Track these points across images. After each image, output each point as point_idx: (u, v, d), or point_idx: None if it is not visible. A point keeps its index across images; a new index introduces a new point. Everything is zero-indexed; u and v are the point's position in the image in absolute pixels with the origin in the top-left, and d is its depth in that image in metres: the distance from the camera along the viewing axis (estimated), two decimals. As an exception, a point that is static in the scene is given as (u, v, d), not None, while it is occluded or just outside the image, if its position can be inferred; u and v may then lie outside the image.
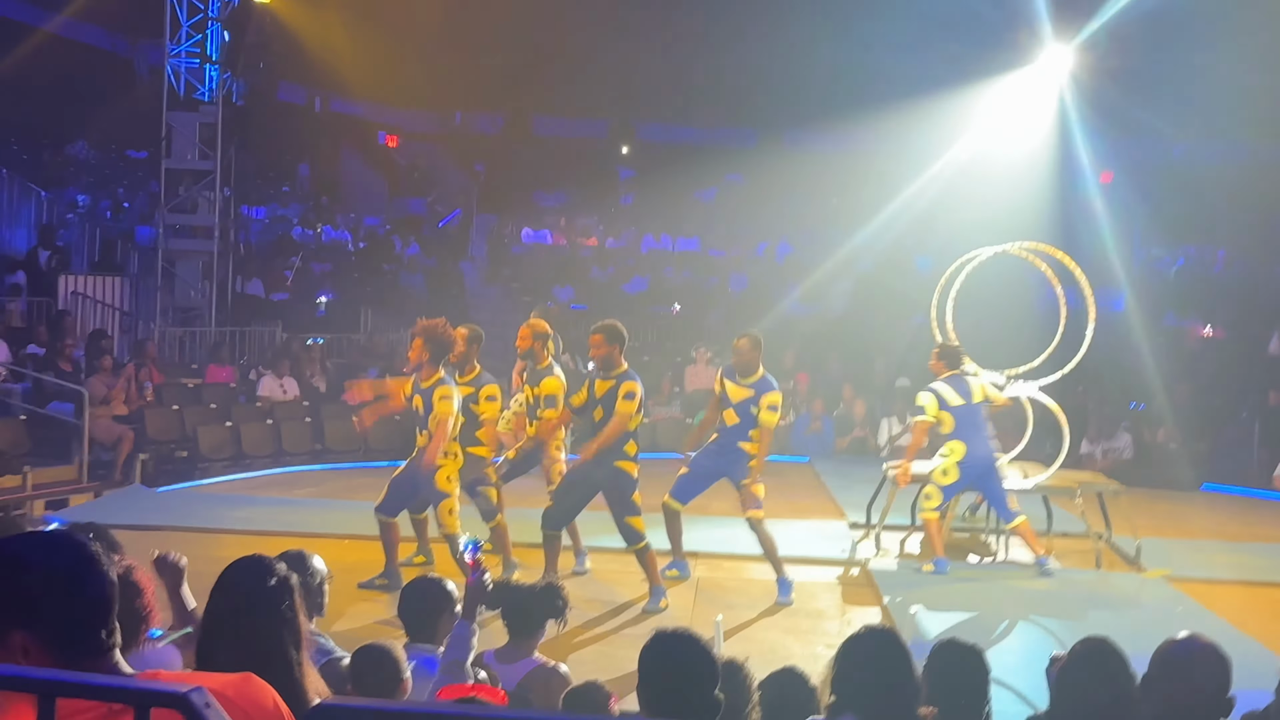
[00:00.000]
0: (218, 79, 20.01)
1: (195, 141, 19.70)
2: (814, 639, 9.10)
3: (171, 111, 19.64)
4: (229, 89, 20.04)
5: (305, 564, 5.26)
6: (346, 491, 14.94)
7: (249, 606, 3.52)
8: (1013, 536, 12.23)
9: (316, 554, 5.35)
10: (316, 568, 5.34)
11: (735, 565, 11.39)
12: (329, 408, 17.75)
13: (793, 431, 19.26)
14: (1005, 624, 9.66)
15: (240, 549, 3.80)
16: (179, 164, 19.79)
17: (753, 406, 10.27)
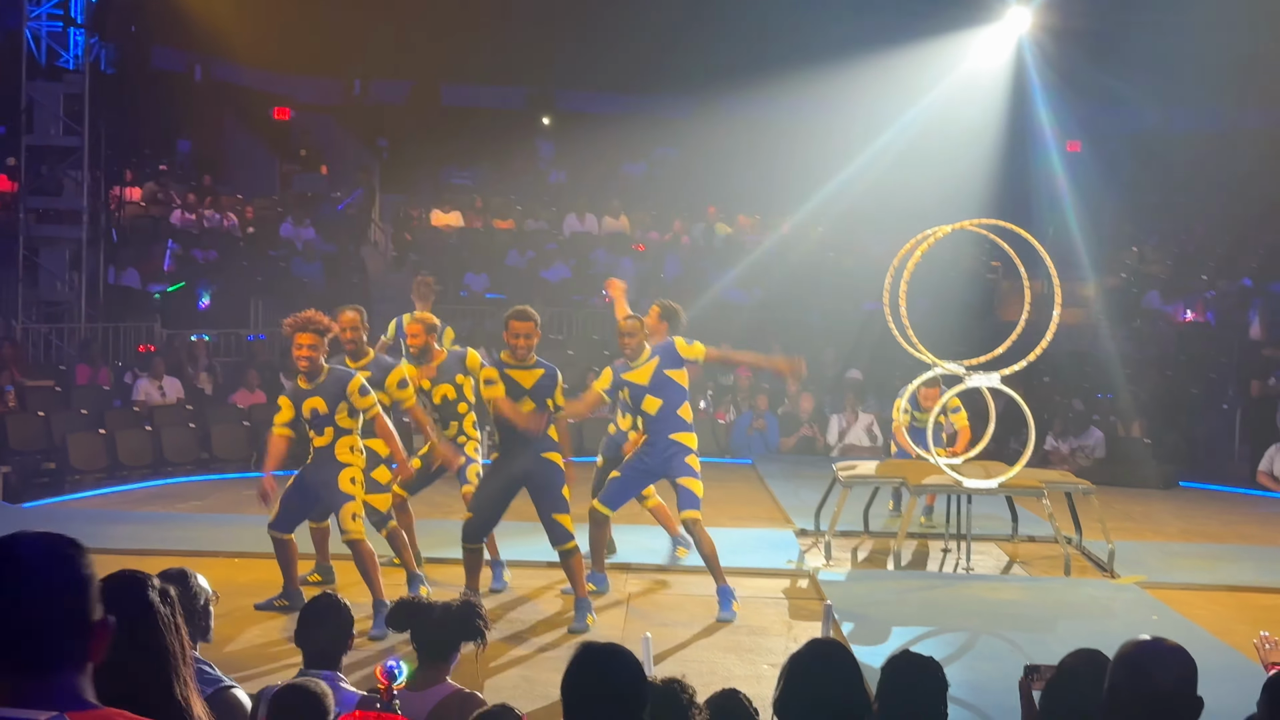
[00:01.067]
0: (84, 44, 19.74)
1: (59, 115, 19.45)
2: (757, 657, 9.16)
3: (32, 81, 19.38)
4: (96, 55, 19.78)
5: (187, 583, 5.22)
6: (236, 505, 14.81)
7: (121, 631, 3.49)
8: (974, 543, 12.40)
9: (200, 573, 5.31)
10: (200, 587, 5.30)
11: (669, 579, 11.43)
12: (215, 412, 17.61)
13: (733, 430, 19.35)
14: (967, 637, 9.77)
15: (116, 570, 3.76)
16: (41, 140, 19.52)
17: (666, 369, 10.35)
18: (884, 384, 19.50)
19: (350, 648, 5.63)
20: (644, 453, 10.56)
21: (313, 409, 9.82)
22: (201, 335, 19.96)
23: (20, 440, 15.88)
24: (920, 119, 22.82)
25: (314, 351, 9.71)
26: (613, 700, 4.02)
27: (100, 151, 19.81)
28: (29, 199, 19.48)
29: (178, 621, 3.58)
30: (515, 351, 9.91)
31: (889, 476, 12.75)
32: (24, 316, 19.37)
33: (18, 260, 19.49)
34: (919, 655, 4.95)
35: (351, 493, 9.77)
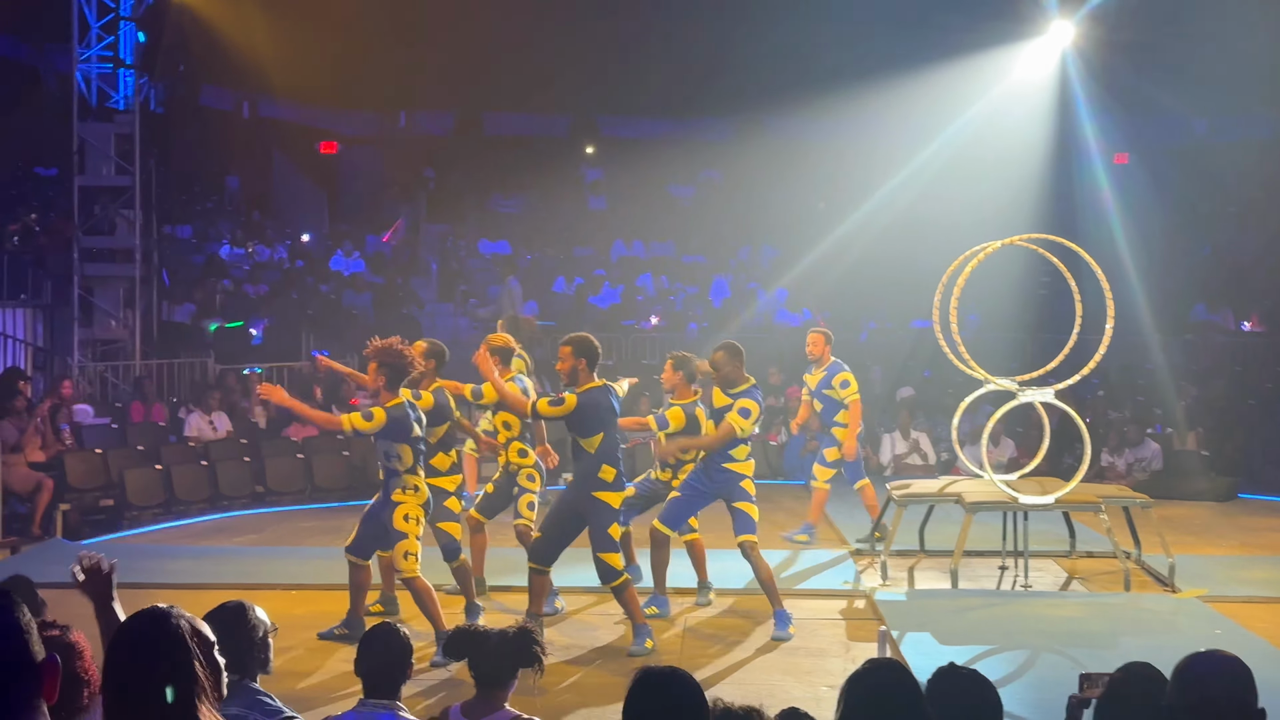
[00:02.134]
0: (133, 85, 19.95)
1: (111, 155, 19.64)
2: (815, 679, 9.11)
3: (83, 123, 19.57)
4: (146, 96, 19.99)
5: (245, 616, 5.24)
6: (291, 537, 14.91)
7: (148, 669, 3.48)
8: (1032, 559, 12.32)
9: (258, 605, 5.34)
10: (258, 619, 5.32)
11: (727, 601, 11.40)
12: (269, 445, 17.70)
13: (786, 452, 19.29)
14: (1027, 654, 9.68)
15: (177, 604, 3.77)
16: (93, 180, 19.72)
17: (727, 412, 10.43)
18: (936, 402, 19.42)
19: (409, 677, 5.64)
20: (700, 476, 10.62)
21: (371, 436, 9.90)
22: (254, 369, 20.07)
23: (78, 477, 15.99)
24: (965, 135, 22.75)
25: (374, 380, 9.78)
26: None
27: (151, 190, 19.99)
28: (82, 239, 19.67)
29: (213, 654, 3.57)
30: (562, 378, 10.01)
31: (944, 495, 12.67)
32: (80, 355, 19.55)
33: (73, 300, 19.67)
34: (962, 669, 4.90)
35: (405, 530, 9.77)
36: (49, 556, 13.55)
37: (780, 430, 19.73)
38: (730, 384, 10.54)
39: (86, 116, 19.69)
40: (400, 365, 9.76)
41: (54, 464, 15.88)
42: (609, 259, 26.69)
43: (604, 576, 9.94)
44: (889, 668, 4.57)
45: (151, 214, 20.13)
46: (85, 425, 17.24)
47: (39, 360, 19.56)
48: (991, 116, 22.31)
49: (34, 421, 15.97)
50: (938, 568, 12.39)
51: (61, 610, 5.33)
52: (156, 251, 20.42)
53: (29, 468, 15.59)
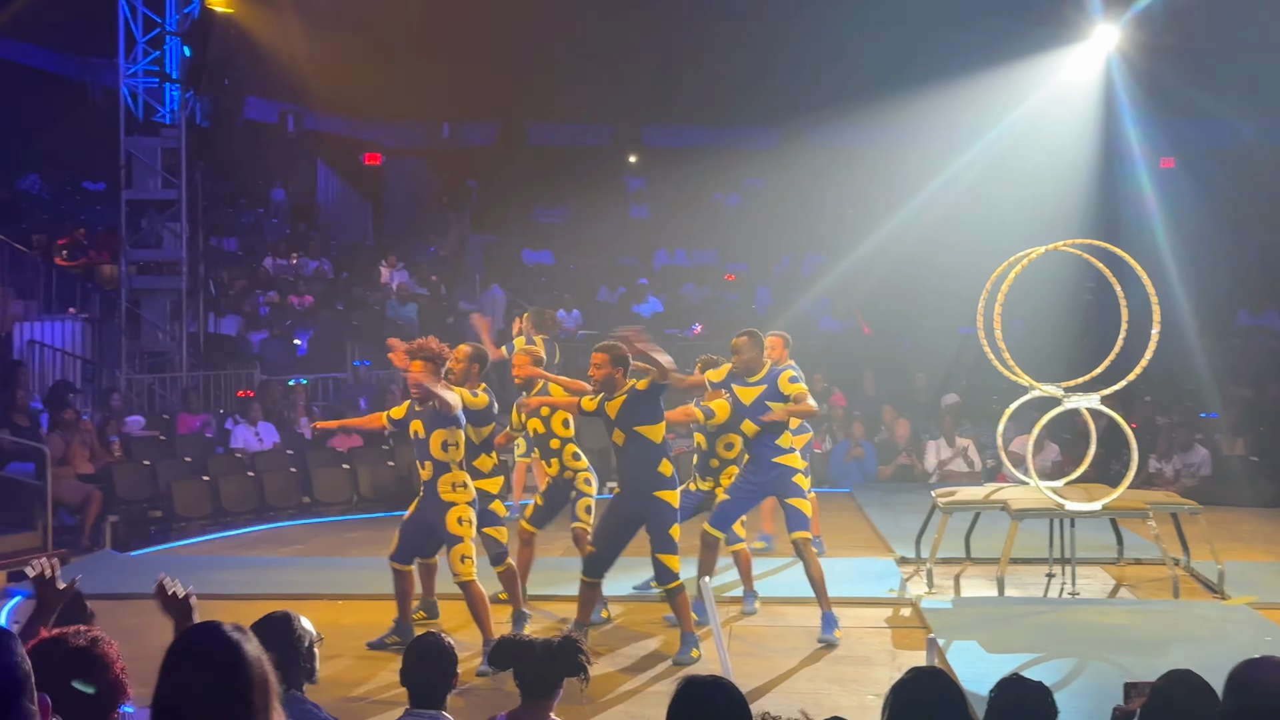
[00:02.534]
0: (179, 99, 20.10)
1: (157, 169, 19.81)
2: (862, 688, 9.08)
3: (130, 137, 19.74)
4: (192, 109, 20.12)
5: (291, 626, 5.28)
6: (338, 547, 14.99)
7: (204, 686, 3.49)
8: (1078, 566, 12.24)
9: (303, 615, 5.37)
10: (304, 629, 5.35)
11: (772, 609, 11.38)
12: (315, 456, 17.79)
13: (830, 459, 19.25)
14: (1075, 662, 9.62)
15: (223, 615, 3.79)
16: (140, 194, 19.89)
17: (769, 400, 10.40)
18: (981, 408, 19.34)
19: (454, 687, 5.65)
20: (750, 471, 10.59)
21: (414, 432, 9.92)
22: (299, 379, 20.18)
23: (127, 489, 16.12)
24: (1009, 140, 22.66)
25: (420, 378, 9.80)
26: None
27: (197, 203, 20.14)
28: (130, 252, 19.83)
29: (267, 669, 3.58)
30: (591, 383, 9.98)
31: (990, 501, 12.61)
32: (128, 367, 19.70)
33: (121, 312, 19.83)
34: (1029, 679, 4.89)
35: (460, 534, 9.79)
36: (98, 567, 13.69)
37: (825, 438, 19.70)
38: (750, 371, 10.52)
39: (133, 131, 19.86)
40: (439, 357, 9.84)
41: (103, 476, 16.01)
42: (652, 268, 26.70)
43: (662, 578, 9.93)
44: (933, 676, 4.56)
45: (198, 227, 20.28)
46: (134, 437, 17.37)
47: (87, 373, 19.72)
48: (1035, 121, 22.20)
49: (80, 434, 16.10)
50: (984, 575, 12.33)
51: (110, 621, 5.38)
52: (203, 264, 20.56)
53: (78, 479, 15.73)
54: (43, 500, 15.10)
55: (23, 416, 16.52)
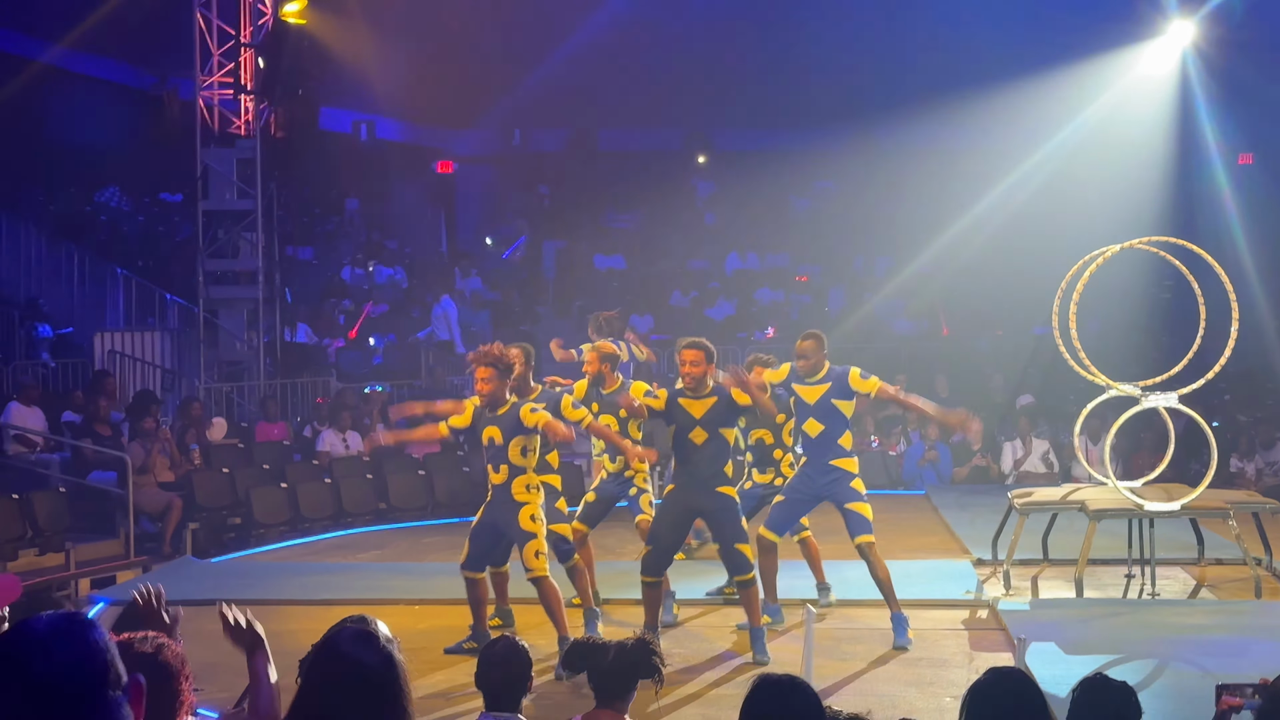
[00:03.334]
0: (254, 110, 20.30)
1: (233, 180, 20.00)
2: (939, 690, 9.02)
3: (206, 148, 19.95)
4: (266, 120, 20.31)
5: None
6: (414, 553, 15.08)
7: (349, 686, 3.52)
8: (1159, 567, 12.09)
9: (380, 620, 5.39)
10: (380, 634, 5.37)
11: (847, 611, 11.33)
12: (391, 463, 17.90)
13: (904, 462, 19.16)
14: (1154, 665, 9.51)
15: (301, 620, 3.84)
16: (216, 205, 20.09)
17: (834, 399, 10.34)
18: (1058, 409, 19.17)
19: (530, 690, 5.66)
20: (806, 476, 10.54)
21: (490, 438, 9.96)
22: (374, 387, 20.32)
23: (206, 497, 16.30)
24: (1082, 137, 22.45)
25: (489, 384, 9.84)
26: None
27: (273, 213, 20.32)
28: (207, 262, 20.04)
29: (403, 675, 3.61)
30: (685, 380, 9.96)
31: (1067, 502, 12.49)
32: (206, 376, 19.91)
33: (199, 323, 20.04)
34: (1113, 679, 4.83)
35: (533, 530, 9.86)
36: (179, 574, 13.83)
37: (899, 440, 19.60)
38: (813, 373, 10.49)
39: (209, 142, 20.07)
40: (508, 363, 9.90)
41: (183, 484, 16.20)
42: (724, 271, 26.67)
43: (739, 568, 9.93)
44: (1012, 675, 4.52)
45: (273, 237, 20.46)
46: (213, 445, 17.54)
47: (167, 382, 19.96)
48: (1109, 118, 21.99)
49: (160, 442, 16.30)
50: (1062, 576, 12.22)
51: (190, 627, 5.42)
52: (279, 273, 20.75)
53: (159, 487, 15.93)
54: (124, 508, 15.32)
55: (105, 426, 16.75)
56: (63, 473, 16.28)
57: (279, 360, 20.58)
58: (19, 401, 16.69)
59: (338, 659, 3.63)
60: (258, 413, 19.42)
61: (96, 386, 17.77)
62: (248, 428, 18.78)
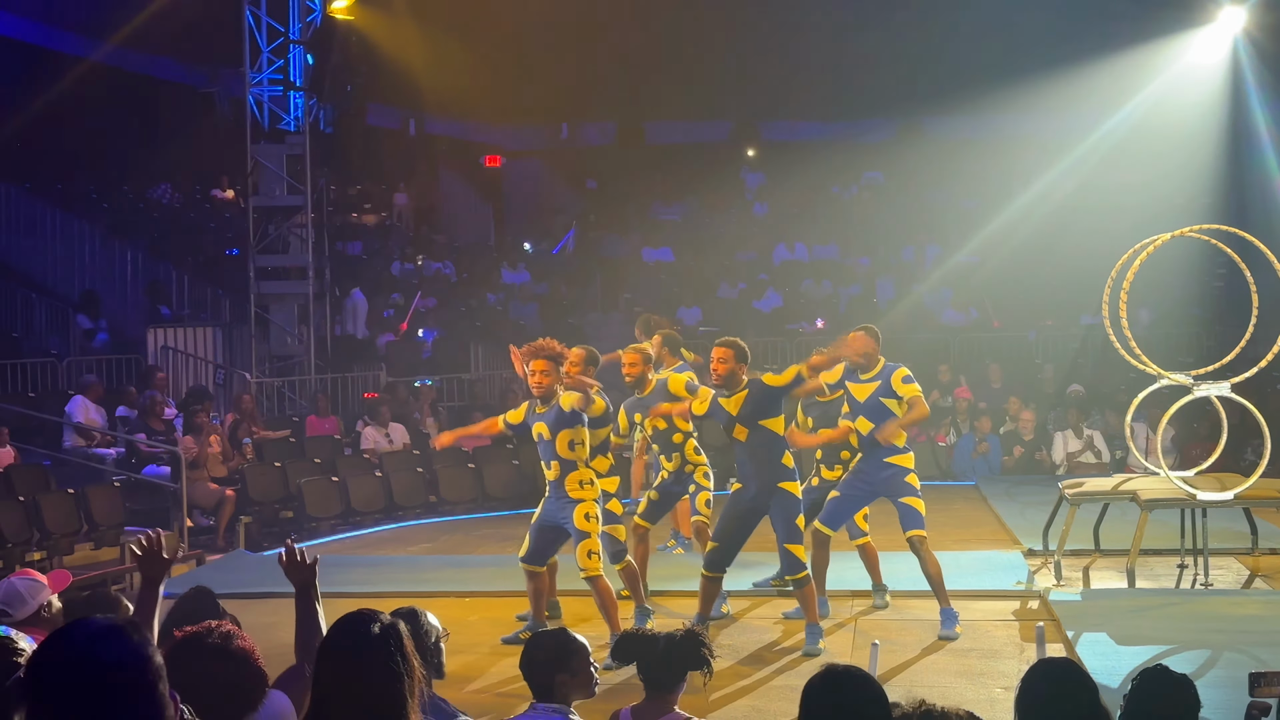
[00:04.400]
0: (303, 106, 20.41)
1: (283, 175, 20.12)
2: (989, 681, 8.98)
3: (256, 145, 20.07)
4: (316, 116, 20.43)
5: (418, 621, 5.34)
6: (464, 545, 15.14)
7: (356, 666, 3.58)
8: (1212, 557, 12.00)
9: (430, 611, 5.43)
10: (431, 625, 5.41)
11: (899, 602, 11.29)
12: (442, 456, 17.96)
13: (955, 453, 19.09)
14: (1208, 655, 9.43)
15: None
16: (267, 200, 20.21)
17: (882, 397, 10.32)
18: (1109, 398, 19.04)
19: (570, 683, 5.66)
20: (861, 472, 10.52)
21: (539, 434, 9.98)
22: (424, 380, 20.40)
23: (259, 491, 16.41)
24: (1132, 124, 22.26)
25: (546, 377, 9.86)
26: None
27: (323, 208, 20.43)
28: (257, 258, 20.16)
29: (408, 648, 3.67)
30: (714, 378, 9.98)
31: (1119, 492, 12.41)
32: (257, 371, 20.04)
33: (250, 317, 20.17)
34: (1171, 671, 4.79)
35: (587, 529, 9.87)
36: (232, 567, 13.95)
37: (949, 431, 19.53)
38: (865, 368, 10.47)
39: (259, 139, 20.20)
40: (560, 356, 9.92)
41: (235, 478, 16.32)
42: (772, 263, 26.61)
43: (791, 568, 9.94)
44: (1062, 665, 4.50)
45: (323, 232, 20.57)
46: (265, 440, 17.66)
47: (219, 377, 20.10)
48: (1159, 106, 21.78)
49: (206, 436, 16.43)
50: (1113, 567, 12.15)
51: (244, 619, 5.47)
52: (328, 268, 20.86)
53: (212, 482, 16.06)
54: (178, 502, 15.46)
55: (158, 421, 16.91)
56: (117, 468, 16.45)
57: (329, 355, 20.68)
58: (84, 397, 16.89)
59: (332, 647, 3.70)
60: (308, 407, 19.53)
61: (148, 382, 17.93)
62: (299, 422, 18.90)
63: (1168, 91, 21.68)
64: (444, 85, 25.02)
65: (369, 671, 3.58)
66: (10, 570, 10.94)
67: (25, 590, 6.09)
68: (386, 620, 3.71)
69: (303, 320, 20.51)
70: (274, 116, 20.59)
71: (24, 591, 6.08)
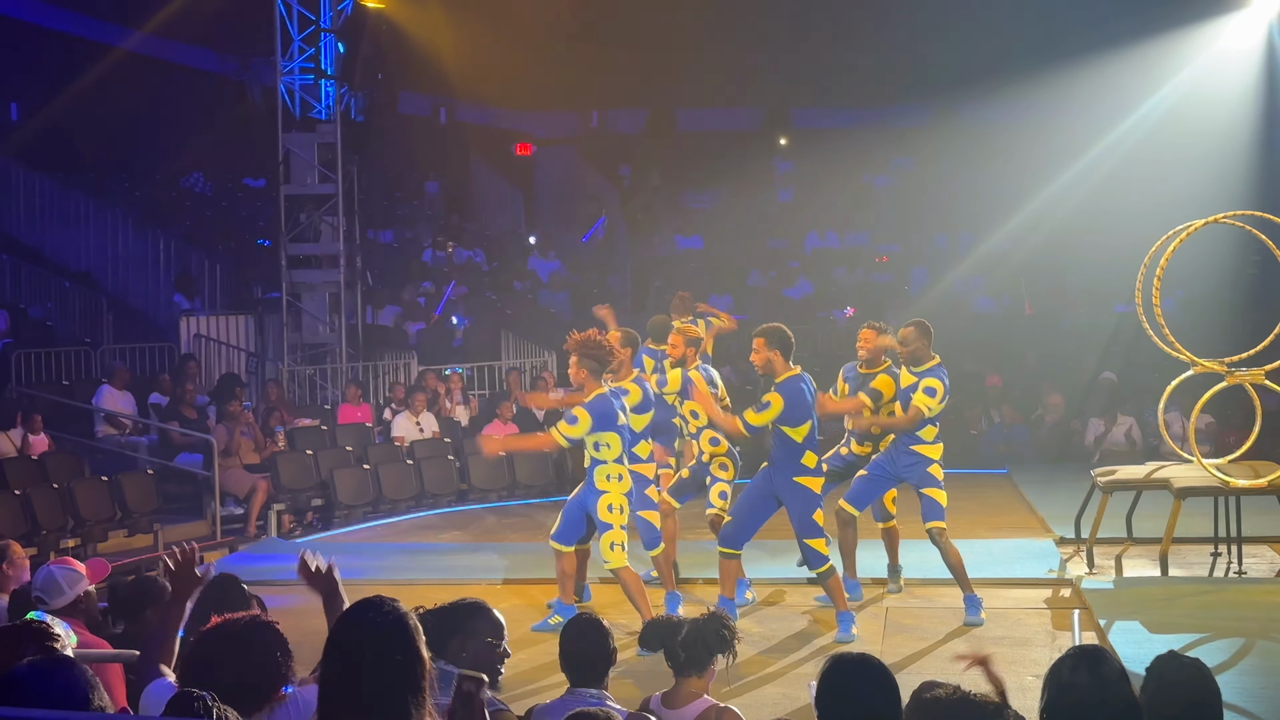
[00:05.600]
0: (334, 95, 20.45)
1: (314, 164, 20.15)
2: (1021, 669, 8.94)
3: (288, 133, 20.11)
4: (347, 105, 20.46)
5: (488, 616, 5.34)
6: (495, 532, 15.19)
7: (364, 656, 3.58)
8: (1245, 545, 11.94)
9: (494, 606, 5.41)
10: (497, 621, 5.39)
11: (928, 590, 11.28)
12: (472, 444, 17.99)
13: (984, 440, 19.07)
14: (1242, 643, 9.39)
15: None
16: (298, 189, 20.25)
17: (913, 393, 10.40)
18: (1143, 386, 18.94)
19: (613, 664, 5.69)
20: (889, 456, 10.59)
21: None
22: (455, 369, 20.44)
23: (291, 479, 16.47)
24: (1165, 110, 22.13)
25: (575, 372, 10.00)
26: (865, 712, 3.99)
27: (354, 197, 20.46)
28: (289, 246, 20.20)
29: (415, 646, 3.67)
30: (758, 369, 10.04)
31: (1151, 480, 12.34)
32: (290, 359, 20.10)
33: (282, 306, 20.23)
34: (1184, 656, 4.78)
35: (610, 521, 9.94)
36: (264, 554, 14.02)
37: (980, 418, 19.49)
38: (917, 361, 10.52)
39: (290, 127, 20.22)
40: (602, 356, 9.94)
41: (267, 466, 16.40)
42: (803, 250, 26.57)
43: (812, 562, 9.96)
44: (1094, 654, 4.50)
45: (354, 220, 20.61)
46: (296, 427, 17.73)
47: (251, 365, 20.18)
48: (1192, 92, 21.64)
49: (243, 425, 16.51)
50: (1146, 555, 12.10)
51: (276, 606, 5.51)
52: (360, 256, 20.92)
53: (244, 469, 16.14)
54: (211, 490, 15.55)
55: (190, 410, 17.00)
56: (150, 455, 16.56)
57: (360, 343, 20.74)
58: (111, 385, 16.99)
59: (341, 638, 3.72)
60: (340, 395, 19.60)
61: (180, 370, 18.02)
62: (331, 410, 18.96)
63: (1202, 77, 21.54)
64: (475, 73, 25.03)
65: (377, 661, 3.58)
66: (45, 558, 11.05)
67: (64, 579, 6.16)
68: (398, 611, 3.71)
69: (334, 309, 20.56)
70: (305, 105, 20.62)
71: (62, 581, 6.15)
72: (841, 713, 4.05)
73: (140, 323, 20.85)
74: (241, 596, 6.21)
